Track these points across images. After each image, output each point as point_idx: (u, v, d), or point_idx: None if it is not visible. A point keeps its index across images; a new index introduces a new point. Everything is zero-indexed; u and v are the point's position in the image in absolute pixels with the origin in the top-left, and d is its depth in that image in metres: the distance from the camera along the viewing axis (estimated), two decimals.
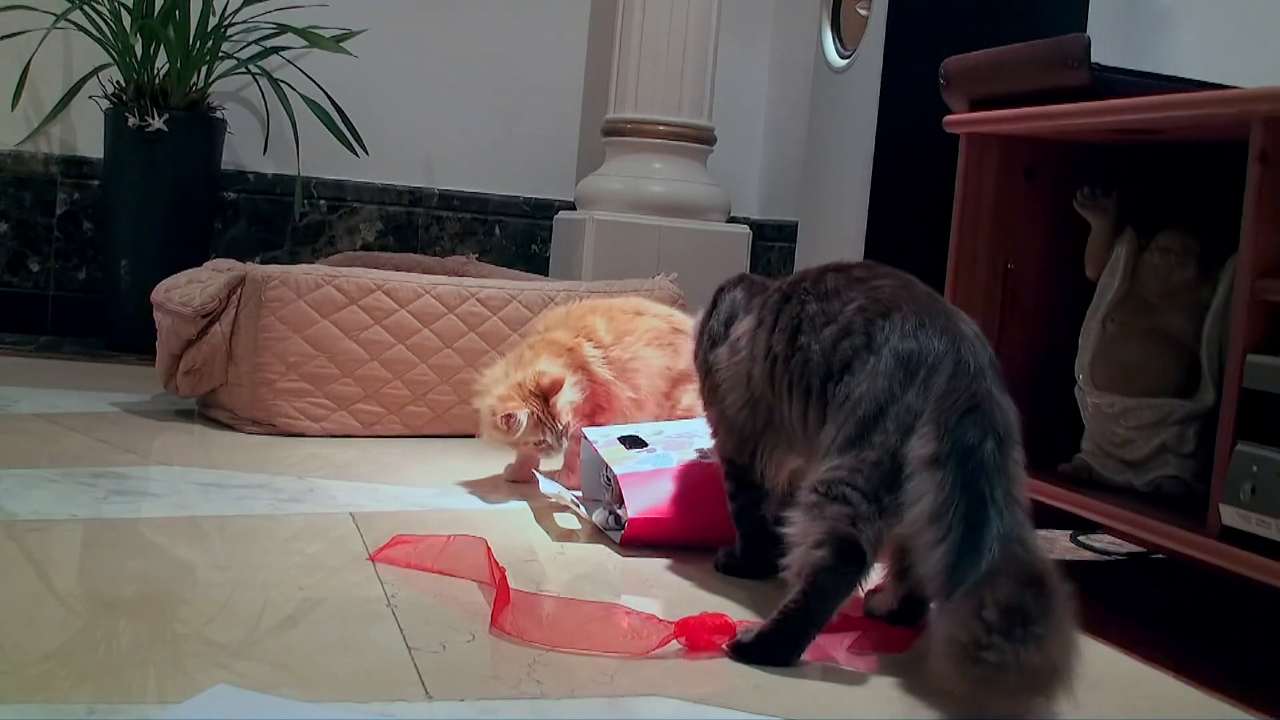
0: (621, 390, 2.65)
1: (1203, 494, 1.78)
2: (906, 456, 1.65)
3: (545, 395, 2.49)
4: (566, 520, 2.38)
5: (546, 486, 2.43)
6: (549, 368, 2.53)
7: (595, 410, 2.63)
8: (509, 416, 2.45)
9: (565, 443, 2.52)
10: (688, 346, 2.68)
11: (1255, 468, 1.65)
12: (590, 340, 2.66)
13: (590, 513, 2.35)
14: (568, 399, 2.52)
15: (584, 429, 2.48)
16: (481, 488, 2.60)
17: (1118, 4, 3.20)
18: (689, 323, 2.74)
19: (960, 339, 1.71)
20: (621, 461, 2.29)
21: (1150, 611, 2.21)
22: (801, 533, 1.69)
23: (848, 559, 1.66)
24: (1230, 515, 1.68)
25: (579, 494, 2.46)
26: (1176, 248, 2.05)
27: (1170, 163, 2.25)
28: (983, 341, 1.74)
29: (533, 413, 2.47)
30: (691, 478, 2.24)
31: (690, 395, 2.61)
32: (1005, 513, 1.57)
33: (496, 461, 2.75)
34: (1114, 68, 2.09)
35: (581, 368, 2.61)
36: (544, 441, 2.50)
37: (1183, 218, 2.09)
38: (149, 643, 1.57)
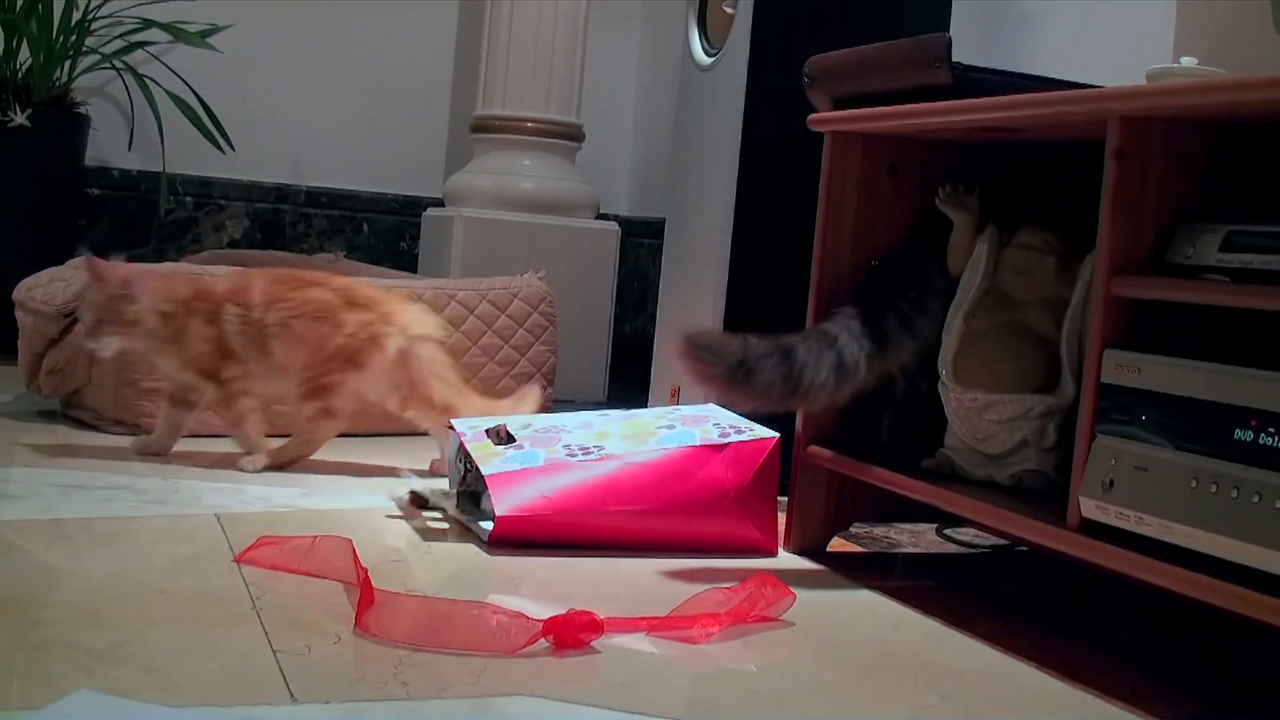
0: (260, 348, 2.72)
1: (1063, 487, 1.81)
2: None
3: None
4: (435, 520, 2.37)
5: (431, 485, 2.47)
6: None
7: (226, 356, 2.71)
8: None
9: (98, 345, 2.69)
10: (357, 318, 2.69)
11: (1114, 460, 1.68)
12: (237, 301, 2.71)
13: (463, 506, 2.34)
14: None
15: (452, 420, 2.48)
16: (349, 487, 2.58)
17: (981, 5, 3.24)
18: (379, 297, 2.77)
19: None
20: (488, 461, 2.28)
21: (1015, 603, 2.24)
22: None
23: None
24: (1090, 508, 1.71)
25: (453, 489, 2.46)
26: (1037, 244, 2.08)
27: (1032, 161, 2.28)
28: None
29: (98, 301, 2.66)
30: (559, 475, 2.23)
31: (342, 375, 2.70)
32: None
33: (366, 457, 2.73)
34: (975, 67, 2.12)
35: (213, 322, 2.71)
36: (83, 323, 2.71)
37: (1044, 215, 2.12)
38: (10, 647, 1.54)
